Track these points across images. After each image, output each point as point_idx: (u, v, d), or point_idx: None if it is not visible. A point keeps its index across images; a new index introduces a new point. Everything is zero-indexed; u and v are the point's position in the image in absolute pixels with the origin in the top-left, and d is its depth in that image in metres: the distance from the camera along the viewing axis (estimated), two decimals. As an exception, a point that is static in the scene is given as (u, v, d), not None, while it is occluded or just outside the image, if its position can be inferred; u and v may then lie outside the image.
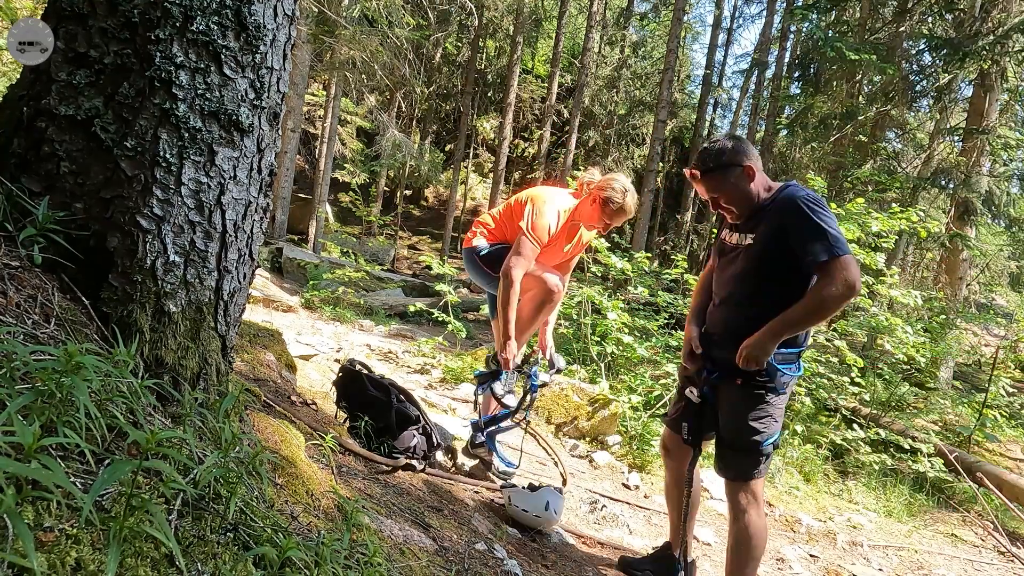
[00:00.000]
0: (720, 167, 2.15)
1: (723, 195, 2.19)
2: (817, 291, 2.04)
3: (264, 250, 10.14)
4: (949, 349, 7.05)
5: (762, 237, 2.14)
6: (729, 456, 2.25)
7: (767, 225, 2.13)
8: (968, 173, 9.39)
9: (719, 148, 2.16)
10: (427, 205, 23.67)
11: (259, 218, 1.51)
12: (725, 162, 2.15)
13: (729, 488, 2.27)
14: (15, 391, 0.87)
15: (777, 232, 2.11)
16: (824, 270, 2.02)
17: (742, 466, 2.21)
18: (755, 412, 2.16)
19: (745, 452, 2.19)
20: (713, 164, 2.16)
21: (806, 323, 2.10)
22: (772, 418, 2.18)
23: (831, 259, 2.01)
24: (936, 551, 3.97)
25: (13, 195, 1.22)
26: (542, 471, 3.71)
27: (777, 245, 2.11)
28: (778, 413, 2.20)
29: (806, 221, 2.04)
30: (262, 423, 1.75)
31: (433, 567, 1.69)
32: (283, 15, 1.45)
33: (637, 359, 5.59)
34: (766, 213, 2.15)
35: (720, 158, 2.15)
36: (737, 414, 2.20)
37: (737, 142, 2.19)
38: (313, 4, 9.87)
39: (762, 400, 2.16)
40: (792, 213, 2.08)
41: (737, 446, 2.20)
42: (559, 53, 17.32)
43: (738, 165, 2.14)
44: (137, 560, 0.85)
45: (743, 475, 2.21)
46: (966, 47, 8.80)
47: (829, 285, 2.01)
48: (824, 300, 2.02)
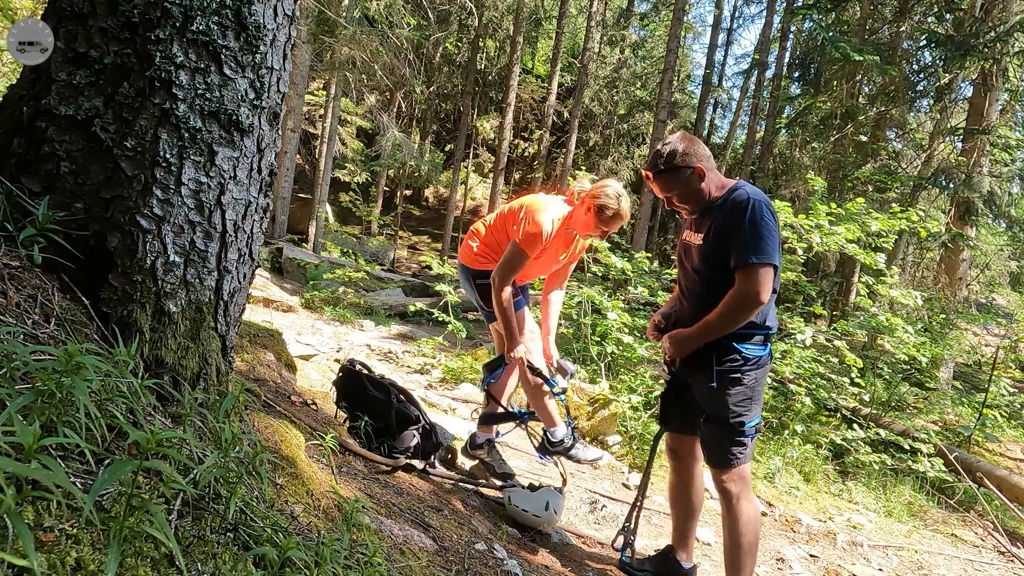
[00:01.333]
0: (671, 168, 2.24)
1: (675, 194, 2.28)
2: (728, 297, 2.13)
3: (264, 250, 10.14)
4: (949, 349, 7.05)
5: (710, 236, 2.22)
6: (711, 440, 2.31)
7: (714, 224, 2.22)
8: (969, 173, 9.39)
9: (671, 150, 2.24)
10: (427, 205, 23.67)
11: (259, 218, 1.51)
12: (676, 164, 2.23)
13: (716, 477, 2.31)
14: (15, 391, 0.87)
15: (721, 231, 2.19)
16: (738, 275, 2.12)
17: (725, 450, 2.26)
18: (734, 394, 2.22)
19: (727, 433, 2.24)
20: (664, 165, 2.25)
21: (718, 330, 2.18)
22: (751, 400, 2.24)
23: (744, 266, 2.10)
24: (936, 551, 3.97)
25: (13, 195, 1.22)
26: (542, 471, 3.71)
27: (722, 244, 2.18)
28: (757, 394, 2.26)
29: (741, 224, 2.12)
30: (262, 423, 1.75)
31: (433, 567, 1.69)
32: (283, 15, 1.45)
33: (637, 359, 5.59)
34: (715, 212, 2.23)
35: (671, 160, 2.23)
36: (715, 399, 2.24)
37: (688, 144, 2.26)
38: (313, 4, 9.87)
39: (739, 383, 2.22)
40: (733, 214, 2.16)
41: (718, 426, 2.25)
42: (559, 53, 17.30)
43: (688, 167, 2.23)
44: (137, 560, 0.85)
45: (726, 460, 2.26)
46: (967, 46, 8.80)
47: (735, 293, 2.12)
48: (728, 308, 2.13)
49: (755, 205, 2.13)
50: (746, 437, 2.24)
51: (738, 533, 2.27)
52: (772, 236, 2.11)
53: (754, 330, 2.23)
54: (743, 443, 2.24)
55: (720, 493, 2.31)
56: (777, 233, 2.14)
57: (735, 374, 2.21)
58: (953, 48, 8.99)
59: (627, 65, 20.69)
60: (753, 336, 2.24)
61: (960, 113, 11.09)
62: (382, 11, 11.54)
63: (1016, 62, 9.00)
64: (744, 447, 2.25)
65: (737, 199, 2.19)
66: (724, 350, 2.21)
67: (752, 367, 2.22)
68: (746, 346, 2.22)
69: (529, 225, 2.80)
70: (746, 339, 2.22)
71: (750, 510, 2.28)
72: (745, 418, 2.22)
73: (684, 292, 2.40)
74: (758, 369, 2.23)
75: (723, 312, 2.14)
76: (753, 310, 2.11)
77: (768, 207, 2.16)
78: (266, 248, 10.44)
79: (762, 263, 2.08)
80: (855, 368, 5.77)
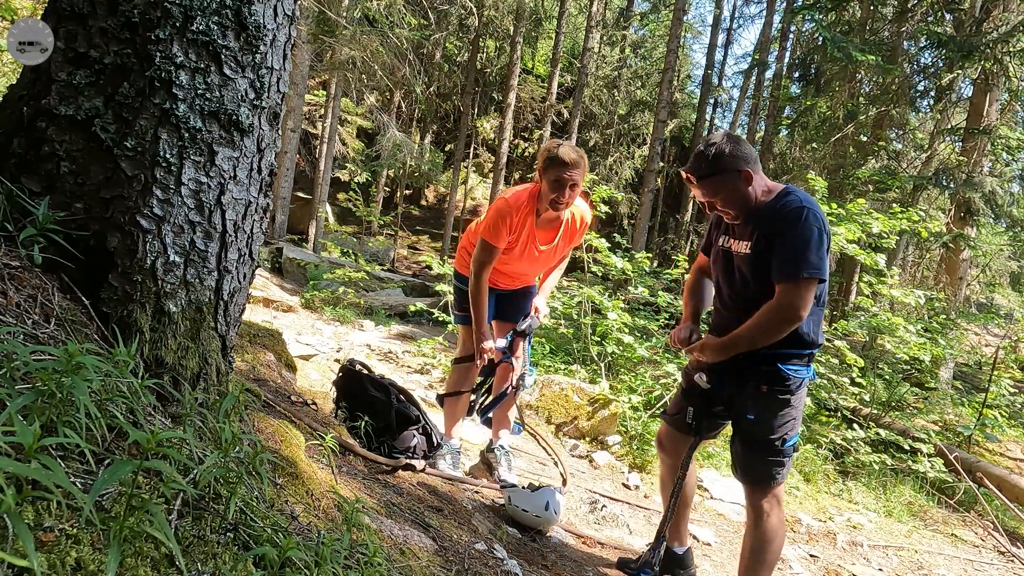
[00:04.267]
0: (718, 172, 2.09)
1: (720, 199, 2.14)
2: (763, 312, 2.03)
3: (264, 250, 10.14)
4: (950, 349, 7.04)
5: (756, 245, 2.10)
6: (751, 460, 2.22)
7: (762, 232, 2.09)
8: (969, 173, 9.39)
9: (717, 152, 2.09)
10: (427, 205, 23.66)
11: (259, 218, 1.51)
12: (722, 167, 2.09)
13: (751, 494, 2.24)
14: (15, 391, 0.87)
15: (770, 239, 2.07)
16: (782, 288, 2.01)
17: (765, 470, 2.18)
18: (780, 417, 2.14)
19: (769, 454, 2.17)
20: (711, 169, 2.10)
21: (750, 342, 2.08)
22: (795, 420, 2.17)
23: (791, 279, 1.98)
24: (936, 551, 3.97)
25: (13, 195, 1.22)
26: (542, 471, 3.71)
27: (770, 252, 2.07)
28: (799, 413, 2.19)
29: (792, 233, 2.01)
30: (262, 423, 1.75)
31: (433, 567, 1.69)
32: (283, 15, 1.45)
33: (637, 359, 5.59)
34: (763, 218, 2.11)
35: (717, 163, 2.09)
36: (764, 418, 2.16)
37: (735, 145, 2.12)
38: (313, 4, 9.87)
39: (787, 404, 2.14)
40: (785, 222, 2.04)
41: (760, 446, 2.17)
42: (559, 53, 17.30)
43: (736, 170, 2.09)
44: (137, 560, 0.85)
45: (766, 480, 2.18)
46: (970, 47, 8.80)
47: (776, 308, 2.01)
48: (765, 321, 2.03)
49: (808, 215, 2.01)
50: (786, 457, 2.17)
51: (764, 550, 2.20)
52: (823, 248, 2.00)
53: (803, 349, 2.13)
54: (783, 462, 2.17)
55: (752, 508, 2.23)
56: (829, 244, 2.04)
57: (785, 395, 2.13)
58: (955, 49, 8.99)
59: (627, 65, 20.69)
60: (804, 355, 2.15)
61: (960, 113, 11.09)
62: (382, 11, 11.54)
63: (1017, 62, 9.00)
64: (783, 466, 2.18)
65: (788, 205, 2.05)
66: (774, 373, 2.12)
67: (799, 387, 2.15)
68: (794, 367, 2.13)
69: (487, 219, 2.78)
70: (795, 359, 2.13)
71: (780, 529, 2.22)
72: (787, 436, 2.16)
73: (726, 301, 2.28)
74: (801, 389, 2.17)
75: (760, 325, 2.03)
76: (791, 327, 2.01)
77: (820, 216, 2.04)
78: (266, 248, 10.44)
79: (812, 278, 1.97)
80: (855, 368, 5.77)
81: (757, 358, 2.13)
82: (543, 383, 4.83)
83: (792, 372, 2.11)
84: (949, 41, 9.15)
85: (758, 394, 2.15)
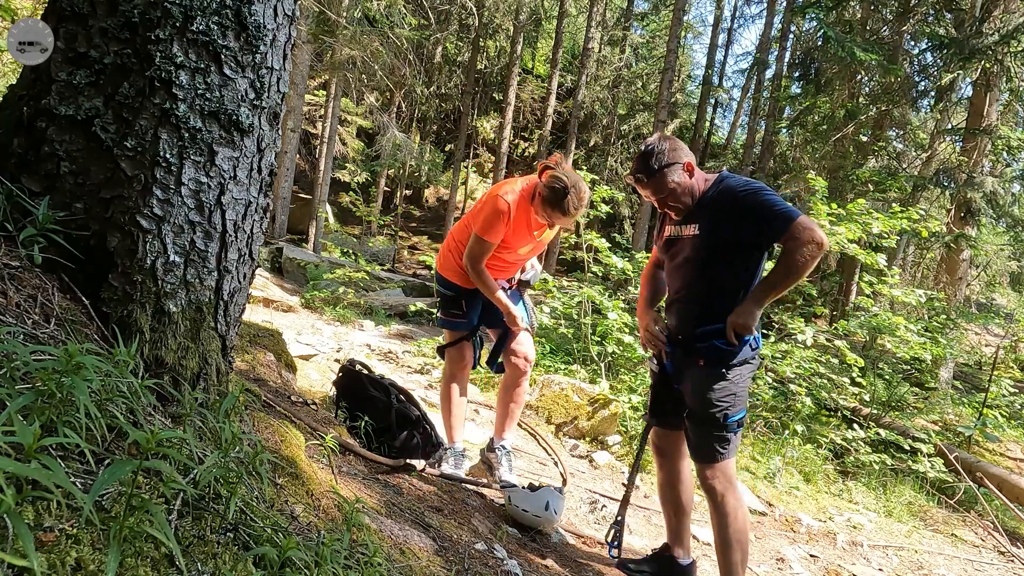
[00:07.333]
0: (663, 167, 2.25)
1: (669, 194, 2.29)
2: (791, 255, 2.15)
3: (264, 250, 10.14)
4: (950, 349, 7.05)
5: (706, 225, 2.26)
6: (696, 436, 2.31)
7: (710, 214, 2.26)
8: (969, 173, 9.39)
9: (658, 150, 2.26)
10: (427, 205, 23.65)
11: (259, 218, 1.51)
12: (668, 161, 2.25)
13: (701, 472, 2.32)
14: (15, 391, 0.87)
15: (719, 220, 2.23)
16: (790, 237, 2.14)
17: (709, 445, 2.27)
18: (717, 390, 2.23)
19: (710, 427, 2.25)
20: (656, 165, 2.25)
21: (785, 285, 2.23)
22: (735, 395, 2.25)
23: (791, 226, 2.13)
24: (936, 551, 3.97)
25: (13, 195, 1.22)
26: (542, 471, 3.71)
27: (719, 232, 2.23)
28: (740, 390, 2.27)
29: (750, 207, 2.18)
30: (262, 423, 1.75)
31: (433, 567, 1.69)
32: (283, 15, 1.45)
33: (637, 359, 5.59)
34: (707, 202, 2.28)
35: (661, 159, 2.25)
36: (702, 392, 2.26)
37: (672, 142, 2.29)
38: (313, 4, 9.87)
39: (723, 377, 2.23)
40: (734, 205, 2.21)
41: (701, 420, 2.27)
42: (559, 53, 17.29)
43: (679, 162, 2.26)
44: (137, 560, 0.85)
45: (712, 455, 2.27)
46: (970, 47, 8.79)
47: (800, 246, 2.13)
48: (798, 262, 2.15)
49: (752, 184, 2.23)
50: (730, 432, 2.25)
51: (726, 529, 2.28)
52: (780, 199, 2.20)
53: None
54: (727, 437, 2.25)
55: (706, 491, 2.32)
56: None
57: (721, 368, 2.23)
58: (956, 50, 8.99)
59: (627, 65, 20.67)
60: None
61: (961, 113, 11.09)
62: (382, 11, 11.53)
63: (1017, 62, 8.99)
64: (728, 442, 2.26)
65: (732, 185, 2.25)
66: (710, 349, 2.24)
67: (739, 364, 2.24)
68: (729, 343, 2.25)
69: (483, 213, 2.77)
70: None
71: (737, 506, 2.29)
72: (729, 412, 2.23)
73: (673, 288, 2.43)
74: (740, 366, 2.25)
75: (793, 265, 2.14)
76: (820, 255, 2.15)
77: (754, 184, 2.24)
78: (266, 248, 10.44)
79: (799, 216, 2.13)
80: (855, 368, 5.77)
81: (696, 337, 2.28)
82: (543, 383, 4.83)
83: (727, 347, 2.22)
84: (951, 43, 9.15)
85: (696, 369, 2.27)
